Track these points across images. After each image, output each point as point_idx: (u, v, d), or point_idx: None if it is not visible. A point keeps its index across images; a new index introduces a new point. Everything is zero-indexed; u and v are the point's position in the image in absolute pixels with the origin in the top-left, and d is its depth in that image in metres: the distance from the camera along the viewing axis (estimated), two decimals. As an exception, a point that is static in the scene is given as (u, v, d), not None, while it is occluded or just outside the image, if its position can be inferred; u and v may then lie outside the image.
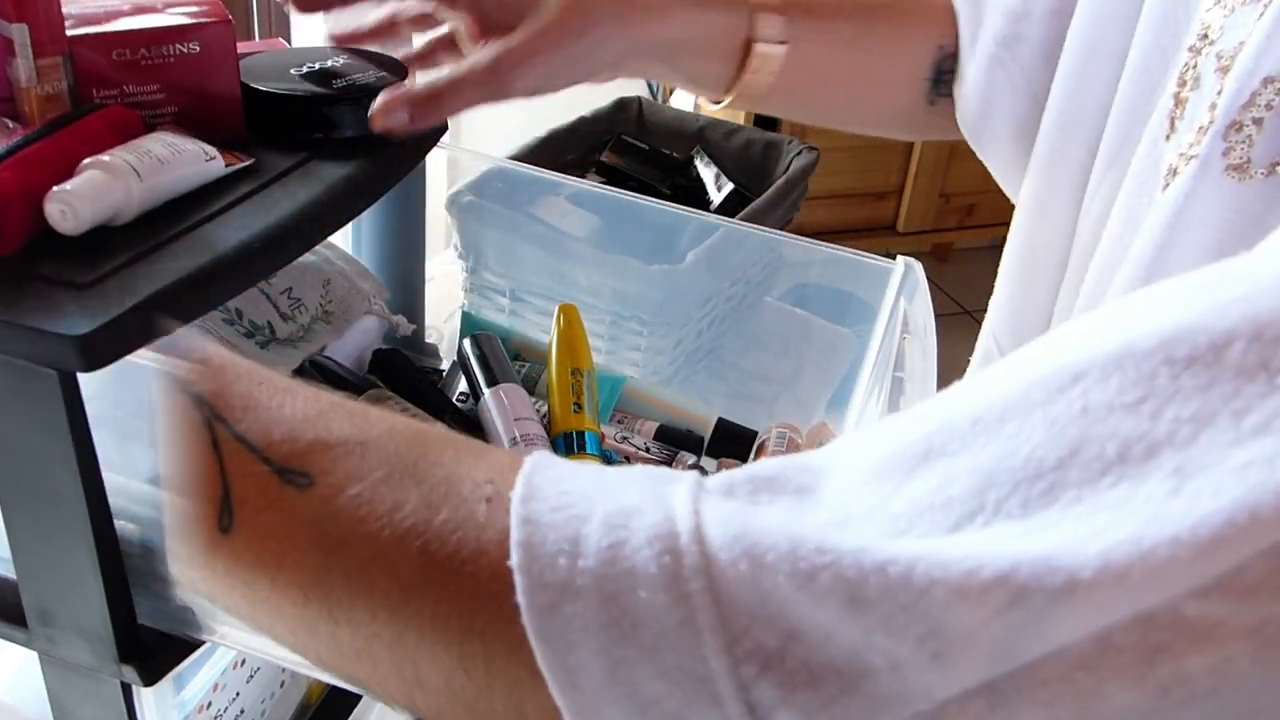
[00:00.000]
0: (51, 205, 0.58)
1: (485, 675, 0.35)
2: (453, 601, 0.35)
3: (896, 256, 0.82)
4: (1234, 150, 0.47)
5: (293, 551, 0.37)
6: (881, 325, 0.87)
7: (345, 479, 0.37)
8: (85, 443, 0.55)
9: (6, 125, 0.64)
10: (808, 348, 0.97)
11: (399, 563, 0.36)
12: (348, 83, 0.74)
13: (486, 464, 0.38)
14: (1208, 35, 0.51)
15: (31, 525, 0.59)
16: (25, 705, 0.81)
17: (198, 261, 0.59)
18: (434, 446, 0.39)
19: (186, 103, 0.70)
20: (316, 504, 0.37)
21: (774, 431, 0.90)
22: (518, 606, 0.33)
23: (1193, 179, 0.48)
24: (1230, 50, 0.49)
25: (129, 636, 0.63)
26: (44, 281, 0.55)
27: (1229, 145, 0.47)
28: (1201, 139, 0.49)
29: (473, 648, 0.35)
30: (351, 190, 0.70)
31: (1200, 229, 0.49)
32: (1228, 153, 0.47)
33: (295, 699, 0.92)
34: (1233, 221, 0.48)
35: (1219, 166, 0.47)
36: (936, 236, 3.42)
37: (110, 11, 0.69)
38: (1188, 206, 0.49)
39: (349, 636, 0.37)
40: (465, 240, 1.07)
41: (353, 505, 0.36)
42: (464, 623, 0.35)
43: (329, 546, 0.36)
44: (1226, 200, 0.48)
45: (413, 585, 0.35)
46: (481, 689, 0.35)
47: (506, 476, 0.37)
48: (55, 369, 0.52)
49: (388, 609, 0.36)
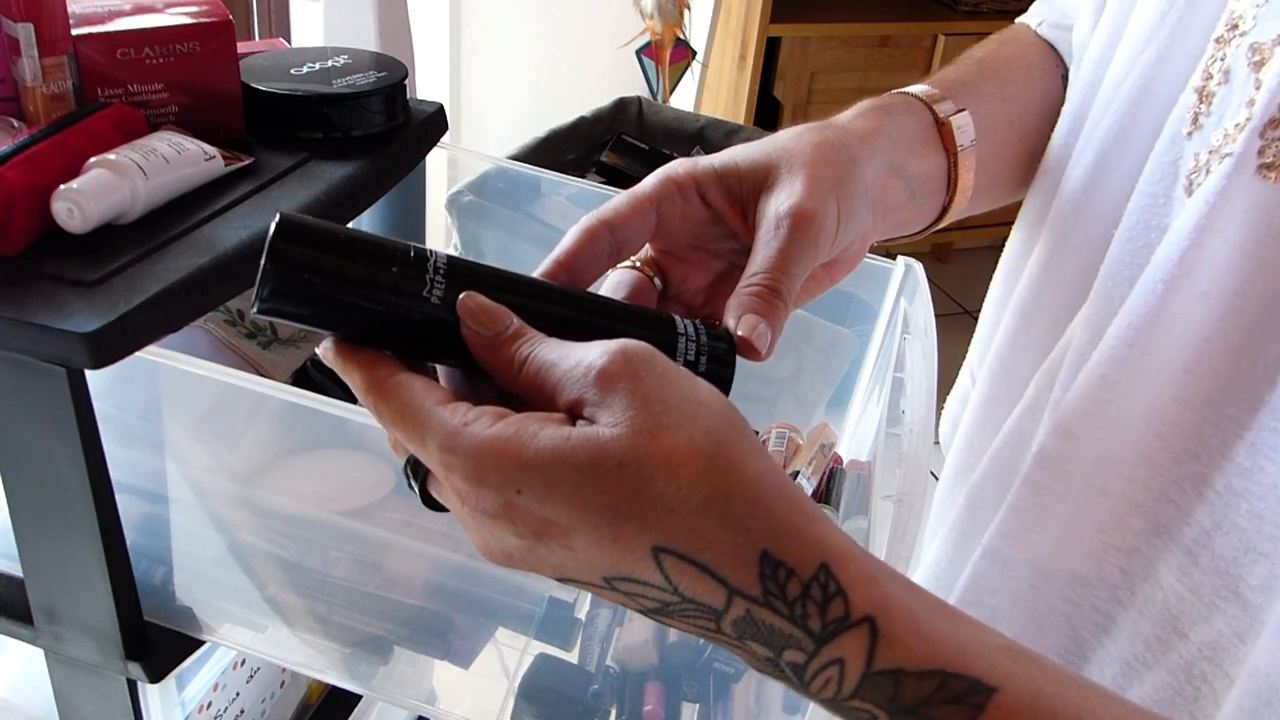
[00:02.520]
0: (59, 204, 0.58)
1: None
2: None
3: (896, 257, 0.82)
4: (1269, 148, 0.45)
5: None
6: (882, 325, 0.87)
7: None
8: (93, 440, 0.56)
9: (12, 124, 0.65)
10: (808, 348, 0.97)
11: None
12: (348, 83, 0.74)
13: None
14: (1238, 26, 0.48)
15: (38, 522, 0.60)
16: (30, 703, 0.81)
17: (201, 261, 0.59)
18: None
19: (187, 102, 0.70)
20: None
21: (774, 432, 0.90)
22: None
23: (1226, 178, 0.46)
24: (1267, 41, 0.46)
25: (135, 633, 0.63)
26: (50, 280, 0.55)
27: (1265, 143, 0.45)
28: (1238, 135, 0.46)
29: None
30: (351, 190, 0.71)
31: (1230, 230, 0.46)
32: (1263, 151, 0.45)
33: (295, 699, 0.92)
34: (1261, 222, 0.46)
35: (1252, 166, 0.45)
36: (937, 237, 3.41)
37: (112, 11, 0.69)
38: (1219, 207, 0.46)
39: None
40: (465, 240, 1.07)
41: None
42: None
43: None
44: (1256, 201, 0.45)
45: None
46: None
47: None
48: (63, 366, 0.52)
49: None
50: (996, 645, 0.35)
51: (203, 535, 0.69)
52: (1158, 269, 0.49)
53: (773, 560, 0.34)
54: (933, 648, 0.34)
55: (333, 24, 1.66)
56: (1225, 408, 0.47)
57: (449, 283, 0.38)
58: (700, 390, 0.36)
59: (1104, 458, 0.52)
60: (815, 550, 0.35)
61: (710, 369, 0.42)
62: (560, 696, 0.67)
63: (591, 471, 0.34)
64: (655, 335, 0.41)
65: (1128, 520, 0.52)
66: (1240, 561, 0.46)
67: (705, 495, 0.34)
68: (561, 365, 0.37)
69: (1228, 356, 0.47)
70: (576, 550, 0.35)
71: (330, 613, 0.70)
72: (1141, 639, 0.51)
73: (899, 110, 0.56)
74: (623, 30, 2.24)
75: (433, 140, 0.81)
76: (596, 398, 0.36)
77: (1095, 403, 0.52)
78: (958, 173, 0.57)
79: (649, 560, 0.35)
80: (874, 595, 0.34)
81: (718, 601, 0.35)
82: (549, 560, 0.36)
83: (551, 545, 0.36)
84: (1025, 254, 0.65)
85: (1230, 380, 0.47)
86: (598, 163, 1.62)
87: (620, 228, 0.46)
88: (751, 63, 2.51)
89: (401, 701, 0.74)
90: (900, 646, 0.34)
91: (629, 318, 0.42)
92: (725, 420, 0.36)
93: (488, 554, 0.38)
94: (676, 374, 0.37)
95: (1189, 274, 0.47)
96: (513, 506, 0.35)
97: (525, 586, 0.67)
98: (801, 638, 0.34)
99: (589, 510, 0.34)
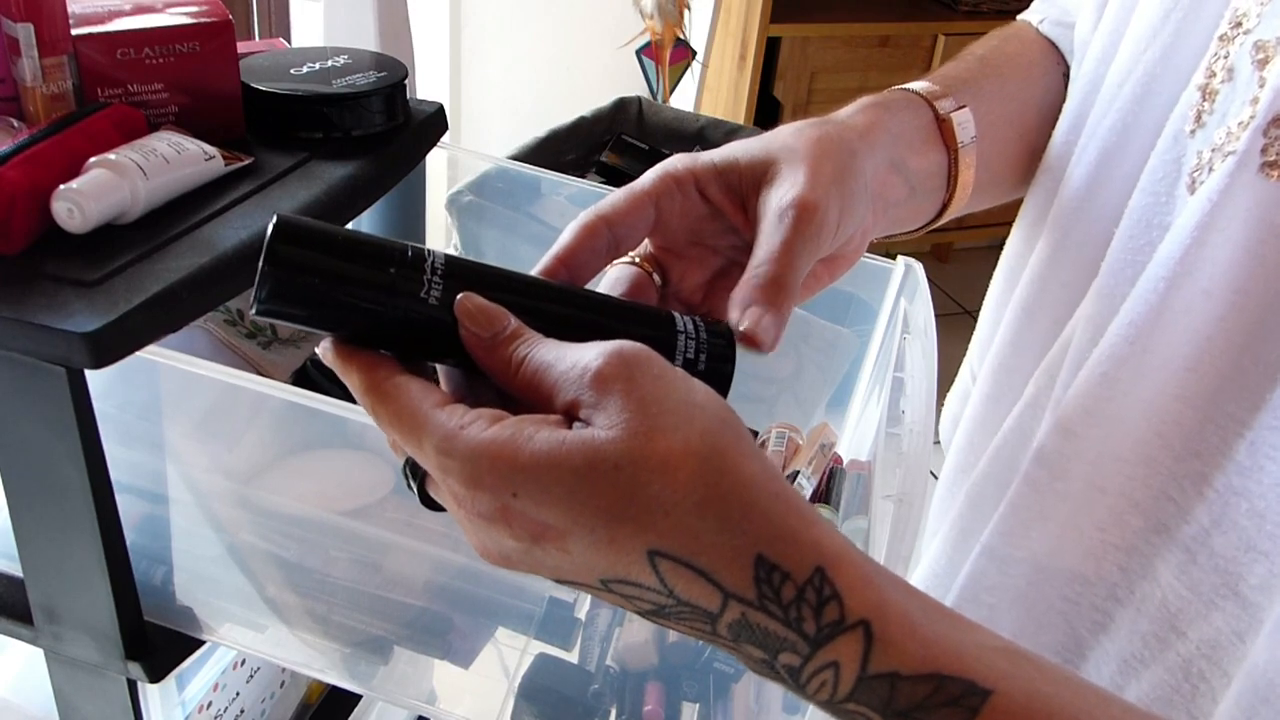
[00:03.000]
0: (59, 203, 0.58)
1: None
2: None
3: (897, 256, 0.82)
4: (1272, 146, 0.45)
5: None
6: (882, 325, 0.87)
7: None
8: (93, 440, 0.56)
9: (12, 124, 0.65)
10: (808, 348, 0.97)
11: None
12: (348, 83, 0.74)
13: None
14: (1241, 24, 0.48)
15: (38, 522, 0.60)
16: (30, 703, 0.81)
17: (201, 261, 0.59)
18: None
19: (187, 102, 0.70)
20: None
21: (774, 431, 0.90)
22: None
23: (1229, 176, 0.46)
24: (1271, 39, 0.46)
25: (135, 633, 0.63)
26: (50, 280, 0.55)
27: (1268, 141, 0.45)
28: (1241, 134, 0.46)
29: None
30: (351, 190, 0.71)
31: (1232, 228, 0.46)
32: (1266, 149, 0.45)
33: (295, 699, 0.92)
34: (1263, 221, 0.45)
35: (1255, 164, 0.45)
36: (936, 236, 3.42)
37: (112, 11, 0.69)
38: (1221, 205, 0.46)
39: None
40: (465, 240, 1.07)
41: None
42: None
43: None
44: (1259, 199, 0.45)
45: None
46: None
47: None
48: (63, 366, 0.52)
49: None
50: (993, 647, 0.35)
51: (203, 535, 0.69)
52: (1159, 267, 0.49)
53: (768, 564, 0.34)
54: (928, 651, 0.34)
55: (333, 24, 1.66)
56: (1226, 406, 0.47)
57: (447, 283, 0.38)
58: (696, 392, 0.36)
59: (1104, 456, 0.52)
60: (811, 553, 0.34)
61: (710, 366, 0.42)
62: (560, 696, 0.67)
63: (587, 474, 0.34)
64: (655, 332, 0.41)
65: (1127, 518, 0.52)
66: (1240, 560, 0.46)
67: (700, 498, 0.34)
68: (558, 367, 0.37)
69: (1229, 355, 0.47)
70: (572, 553, 0.35)
71: (330, 613, 0.70)
72: (1140, 637, 0.51)
73: (899, 107, 0.56)
74: (623, 30, 2.24)
75: (433, 140, 0.81)
76: (592, 400, 0.35)
77: (1096, 400, 0.52)
78: (958, 170, 0.57)
79: (644, 563, 0.35)
80: (869, 598, 0.34)
81: (713, 604, 0.35)
82: (546, 562, 0.36)
83: (548, 548, 0.36)
84: (1026, 252, 0.65)
85: (1231, 378, 0.47)
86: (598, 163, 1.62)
87: (618, 223, 0.46)
88: (751, 63, 2.51)
89: (401, 701, 0.74)
90: (895, 650, 0.34)
91: (628, 315, 0.42)
92: (721, 422, 0.36)
93: (486, 556, 0.38)
94: (672, 375, 0.36)
95: (1191, 272, 0.47)
96: (509, 509, 0.35)
97: (525, 586, 0.67)
98: (796, 641, 0.34)
99: (584, 513, 0.34)
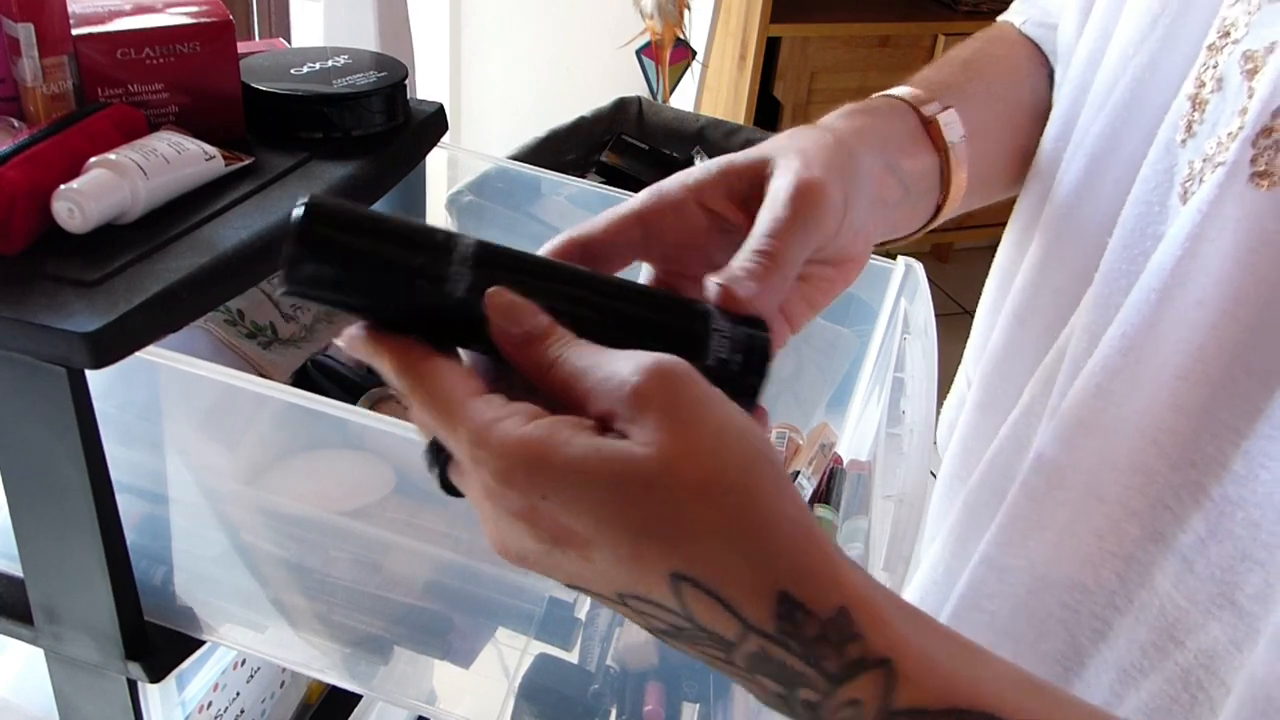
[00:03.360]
0: (59, 203, 0.58)
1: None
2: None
3: (897, 257, 0.82)
4: (1261, 157, 0.45)
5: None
6: (882, 325, 0.87)
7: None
8: (93, 440, 0.56)
9: (12, 124, 0.65)
10: (808, 348, 0.97)
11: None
12: (348, 83, 0.74)
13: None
14: (1230, 33, 0.48)
15: (38, 522, 0.60)
16: (30, 703, 0.81)
17: (201, 261, 0.59)
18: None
19: (187, 102, 0.70)
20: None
21: (774, 432, 0.90)
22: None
23: (1219, 186, 0.46)
24: (1259, 49, 0.46)
25: (135, 633, 0.63)
26: (51, 280, 0.55)
27: (1258, 151, 0.45)
28: (1231, 144, 0.46)
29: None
30: (351, 190, 0.71)
31: (1223, 238, 0.46)
32: (1255, 159, 0.45)
33: (295, 699, 0.92)
34: (1254, 230, 0.45)
35: (1245, 174, 0.45)
36: (936, 236, 3.42)
37: (112, 11, 0.69)
38: (1212, 215, 0.46)
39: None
40: (466, 240, 1.06)
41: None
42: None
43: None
44: (1249, 209, 0.45)
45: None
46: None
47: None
48: (63, 366, 0.52)
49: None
50: (1011, 679, 0.35)
51: (203, 535, 0.69)
52: (1152, 277, 0.48)
53: (791, 600, 0.34)
54: (948, 686, 0.34)
55: (333, 24, 1.66)
56: (1220, 415, 0.47)
57: (479, 271, 0.38)
58: (734, 418, 0.36)
59: (1101, 465, 0.52)
60: (835, 593, 0.34)
61: (745, 368, 0.41)
62: (560, 696, 0.67)
63: (619, 487, 0.34)
64: (689, 326, 0.40)
65: (1125, 527, 0.51)
66: (1236, 569, 0.46)
67: (731, 530, 0.34)
68: (594, 374, 0.36)
69: (1222, 364, 0.47)
70: (595, 562, 0.35)
71: (330, 613, 0.70)
72: (1138, 646, 0.51)
73: (883, 113, 0.56)
74: (623, 30, 2.24)
75: (433, 140, 0.81)
76: (629, 414, 0.35)
77: (1092, 411, 0.51)
78: (950, 170, 0.57)
79: (666, 585, 0.35)
80: (891, 637, 0.34)
81: (731, 634, 0.35)
82: (564, 567, 0.36)
83: (569, 554, 0.36)
84: (1018, 257, 0.64)
85: (1225, 388, 0.47)
86: (598, 163, 1.62)
87: (593, 245, 0.45)
88: (751, 63, 2.51)
89: (401, 701, 0.74)
90: (916, 687, 0.34)
91: (663, 306, 0.41)
92: (757, 453, 0.36)
93: (503, 551, 0.38)
94: (711, 398, 0.36)
95: (1183, 282, 0.47)
96: (536, 510, 0.35)
97: (525, 586, 0.67)
98: (816, 679, 0.34)
99: (613, 526, 0.34)
